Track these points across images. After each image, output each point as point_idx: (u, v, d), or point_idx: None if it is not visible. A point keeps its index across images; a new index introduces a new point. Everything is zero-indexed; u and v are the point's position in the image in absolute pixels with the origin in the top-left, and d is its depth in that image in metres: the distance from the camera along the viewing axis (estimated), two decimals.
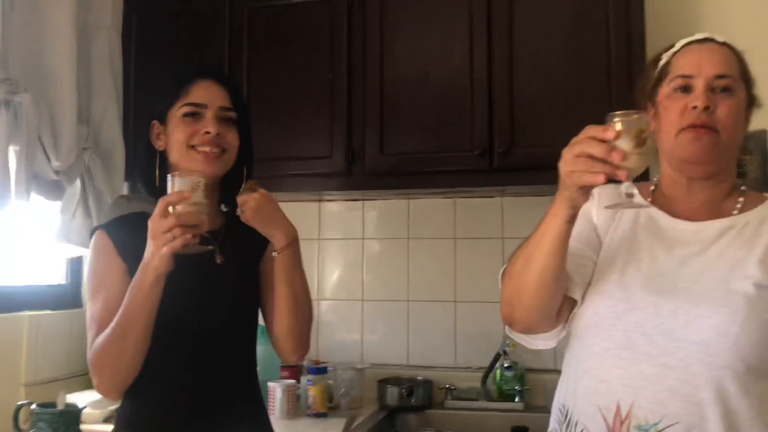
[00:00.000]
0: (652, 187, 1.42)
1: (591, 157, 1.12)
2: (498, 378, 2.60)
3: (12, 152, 2.00)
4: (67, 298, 2.58)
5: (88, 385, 2.41)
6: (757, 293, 1.22)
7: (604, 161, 1.10)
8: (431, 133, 2.48)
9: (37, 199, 2.19)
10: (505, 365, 2.57)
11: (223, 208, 1.63)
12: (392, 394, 2.54)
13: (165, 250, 1.33)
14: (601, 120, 2.22)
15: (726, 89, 1.30)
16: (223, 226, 1.61)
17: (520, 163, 2.40)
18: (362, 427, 2.28)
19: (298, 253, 1.57)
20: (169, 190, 1.38)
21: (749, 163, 2.38)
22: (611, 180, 1.13)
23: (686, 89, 1.31)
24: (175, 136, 1.52)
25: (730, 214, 1.34)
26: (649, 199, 1.39)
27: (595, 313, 1.30)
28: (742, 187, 1.39)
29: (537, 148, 2.38)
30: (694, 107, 1.28)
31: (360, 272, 2.90)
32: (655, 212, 1.36)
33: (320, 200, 2.95)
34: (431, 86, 2.50)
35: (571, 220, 1.20)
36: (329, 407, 2.44)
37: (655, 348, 1.23)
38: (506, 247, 2.77)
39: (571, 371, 1.36)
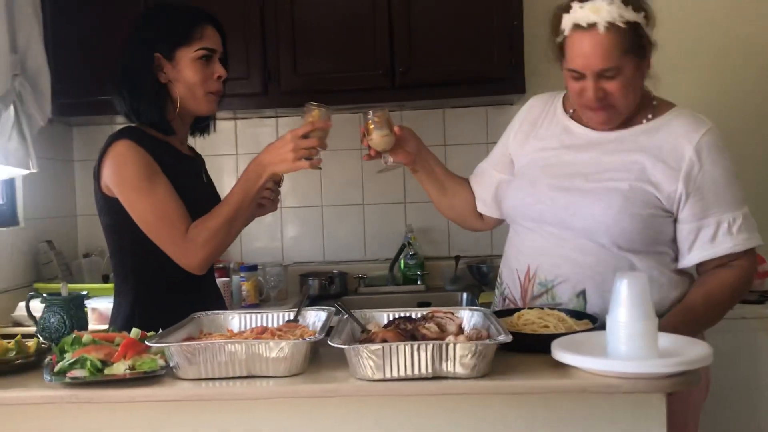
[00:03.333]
0: None
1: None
2: (402, 266, 3.04)
3: None
4: (5, 217, 2.73)
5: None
6: (631, 192, 1.51)
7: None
8: (339, 54, 2.78)
9: None
10: (409, 254, 3.01)
11: None
12: (313, 284, 2.93)
13: (304, 164, 1.63)
14: (482, 38, 2.64)
15: (612, 76, 1.49)
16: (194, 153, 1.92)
17: (418, 81, 2.76)
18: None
19: None
20: (308, 117, 1.65)
21: None
22: None
23: (580, 78, 1.52)
24: (189, 77, 1.72)
25: (636, 125, 1.58)
26: (572, 110, 1.66)
27: (512, 202, 1.69)
28: (654, 102, 1.60)
29: (433, 68, 2.76)
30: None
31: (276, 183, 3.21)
32: (569, 122, 1.66)
33: (234, 118, 3.19)
34: (338, 10, 2.79)
35: (414, 171, 1.78)
36: (260, 299, 2.80)
37: (553, 227, 1.58)
38: None
39: (506, 246, 1.76)
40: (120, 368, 1.23)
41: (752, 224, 1.57)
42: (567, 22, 1.52)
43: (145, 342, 1.25)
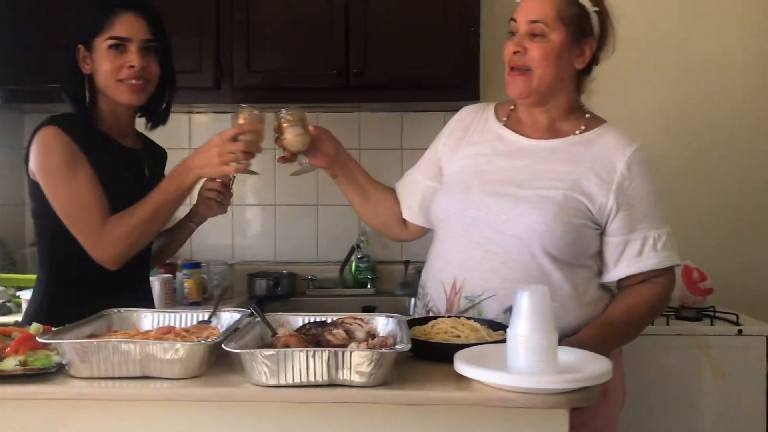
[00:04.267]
0: (511, 107, 1.68)
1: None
2: (353, 269, 3.01)
3: None
4: None
5: None
6: (565, 201, 1.50)
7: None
8: (294, 52, 2.75)
9: None
10: (359, 257, 2.99)
11: None
12: (260, 285, 2.89)
13: (230, 168, 1.60)
14: (438, 43, 2.63)
15: (538, 34, 1.52)
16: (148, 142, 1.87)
17: (372, 83, 2.74)
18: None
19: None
20: (239, 120, 1.62)
21: None
22: None
23: (514, 34, 1.56)
24: (102, 67, 1.68)
25: (568, 136, 1.59)
26: (505, 118, 1.66)
27: (444, 210, 1.65)
28: (587, 115, 1.62)
29: (388, 69, 2.73)
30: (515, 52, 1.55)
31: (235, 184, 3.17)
32: (502, 130, 1.65)
33: (190, 112, 3.15)
34: (294, 7, 2.76)
35: (333, 176, 1.76)
36: (203, 297, 2.76)
37: (483, 237, 1.54)
38: (363, 158, 3.13)
39: (430, 255, 1.72)
40: (10, 364, 1.19)
41: (674, 243, 1.58)
42: None
43: (37, 338, 1.21)
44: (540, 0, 1.54)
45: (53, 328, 1.34)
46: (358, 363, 1.12)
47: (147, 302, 1.87)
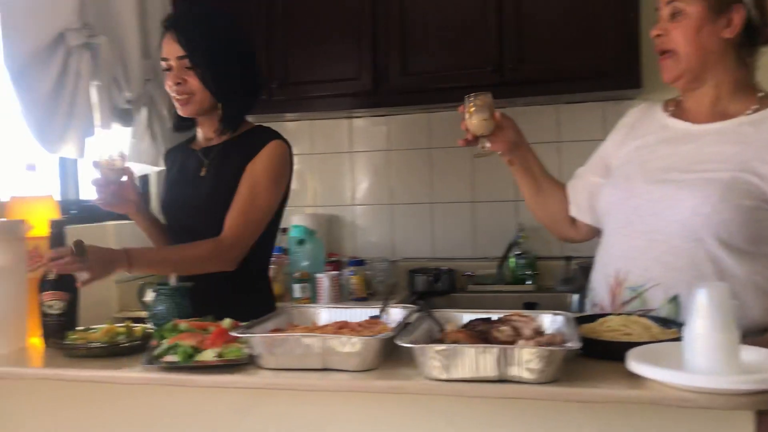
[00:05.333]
0: (679, 98, 1.64)
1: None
2: (512, 265, 3.00)
3: (94, 88, 2.35)
4: None
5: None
6: (733, 182, 1.42)
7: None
8: (448, 53, 2.80)
9: (113, 125, 2.56)
10: (518, 253, 2.97)
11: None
12: (420, 281, 2.97)
13: (99, 203, 1.92)
14: (595, 31, 2.55)
15: (678, 14, 1.50)
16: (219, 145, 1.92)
17: (528, 77, 2.72)
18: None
19: (141, 265, 1.76)
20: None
21: None
22: None
23: (658, 20, 1.56)
24: None
25: (737, 116, 1.51)
26: (672, 109, 1.62)
27: (605, 201, 1.63)
28: (760, 94, 1.53)
29: (544, 63, 2.70)
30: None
31: (388, 180, 3.28)
32: (667, 120, 1.61)
33: (350, 117, 3.29)
34: (447, 8, 2.80)
35: (510, 164, 1.75)
36: (368, 293, 2.87)
37: (646, 226, 1.50)
38: None
39: (597, 252, 1.68)
40: (208, 355, 1.32)
41: None
42: None
43: (230, 332, 1.34)
44: None
45: (241, 323, 1.47)
46: (527, 360, 1.14)
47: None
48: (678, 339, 1.24)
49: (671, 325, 1.35)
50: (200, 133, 1.97)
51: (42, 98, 2.22)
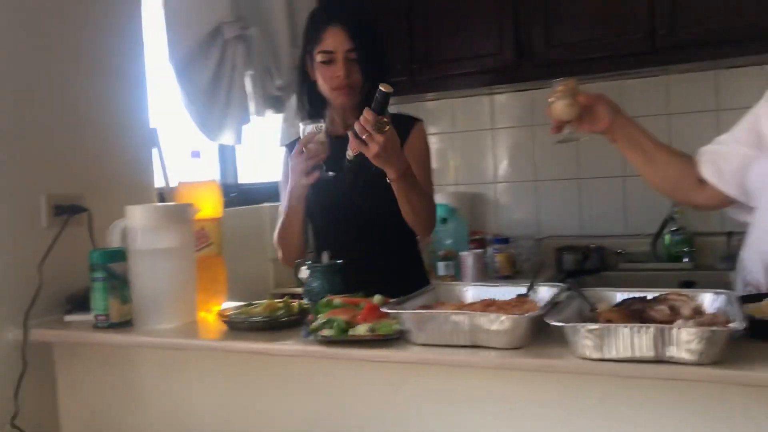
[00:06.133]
0: None
1: None
2: (667, 242, 2.86)
3: (248, 77, 2.49)
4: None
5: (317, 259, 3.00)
6: None
7: None
8: (595, 20, 2.69)
9: (267, 112, 2.70)
10: (673, 229, 2.82)
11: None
12: (569, 259, 2.90)
13: (304, 181, 1.85)
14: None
15: None
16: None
17: (682, 42, 2.56)
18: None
19: (410, 181, 1.81)
20: (301, 135, 1.84)
21: None
22: None
23: None
24: (318, 77, 1.93)
25: None
26: None
27: (759, 175, 1.52)
28: None
29: (700, 25, 2.53)
30: None
31: (531, 156, 3.22)
32: None
33: (491, 93, 3.26)
34: None
35: (613, 141, 1.64)
36: (514, 271, 2.85)
37: None
38: (672, 123, 2.94)
39: (749, 227, 1.59)
40: (361, 330, 1.37)
41: None
42: None
43: (382, 308, 1.38)
44: None
45: (391, 300, 1.52)
46: (687, 340, 1.09)
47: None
48: None
49: None
50: (338, 121, 2.01)
51: (202, 89, 2.38)
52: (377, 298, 1.51)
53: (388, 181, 1.80)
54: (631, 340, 1.12)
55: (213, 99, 2.41)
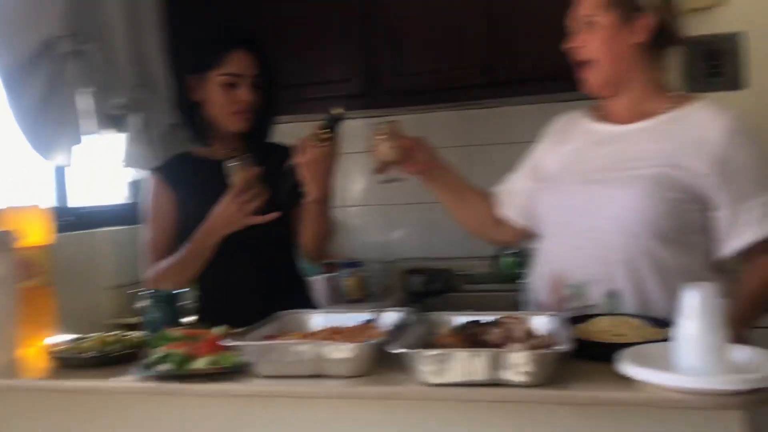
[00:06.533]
0: (601, 104, 1.72)
1: None
2: (505, 263, 3.01)
3: (85, 95, 2.35)
4: (132, 216, 2.97)
5: None
6: (659, 176, 1.51)
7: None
8: (440, 53, 2.80)
9: (105, 131, 2.55)
10: (510, 251, 2.98)
11: None
12: (416, 281, 2.97)
13: (257, 218, 1.77)
14: None
15: (591, 25, 1.58)
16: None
17: (519, 76, 2.72)
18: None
19: (326, 207, 1.85)
20: (236, 175, 1.77)
21: (723, 65, 2.70)
22: None
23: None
24: (215, 99, 1.86)
25: (655, 115, 1.59)
26: (595, 114, 1.70)
27: (546, 205, 1.69)
28: (673, 93, 1.63)
29: (533, 63, 2.70)
30: None
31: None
32: (593, 125, 1.69)
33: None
34: (437, 9, 2.80)
35: (426, 182, 1.78)
36: (364, 294, 2.88)
37: (581, 225, 1.57)
38: (512, 153, 3.09)
39: (535, 255, 1.75)
40: (201, 363, 1.32)
41: None
42: None
43: (224, 340, 1.34)
44: None
45: (236, 330, 1.47)
46: (519, 363, 1.14)
47: (303, 300, 2.01)
48: (668, 339, 1.24)
49: (665, 325, 1.35)
50: (219, 145, 1.94)
51: (33, 106, 2.22)
52: (219, 330, 1.46)
53: (306, 200, 1.81)
54: (468, 364, 1.16)
55: (45, 117, 2.25)
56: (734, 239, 1.53)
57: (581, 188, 1.60)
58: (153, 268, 1.91)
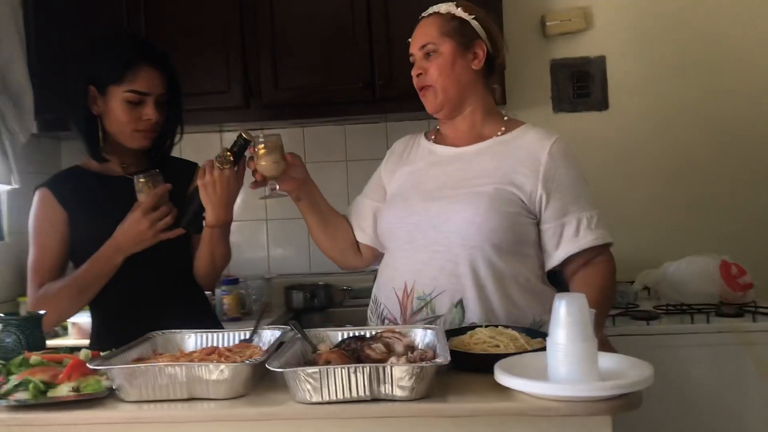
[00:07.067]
0: (438, 127, 1.82)
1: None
2: None
3: None
4: None
5: (17, 308, 2.67)
6: (497, 192, 1.62)
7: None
8: (320, 68, 2.79)
9: None
10: None
11: None
12: (297, 297, 2.93)
13: (167, 234, 1.71)
14: None
15: (430, 53, 1.69)
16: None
17: (398, 93, 2.75)
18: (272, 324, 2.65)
19: (223, 235, 1.81)
20: (145, 190, 1.70)
21: (591, 86, 2.85)
22: None
23: (414, 63, 1.74)
24: (117, 116, 1.74)
25: (491, 138, 1.71)
26: (433, 137, 1.80)
27: (387, 222, 1.74)
28: (505, 117, 1.76)
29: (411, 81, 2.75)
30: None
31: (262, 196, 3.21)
32: (432, 146, 1.78)
33: (221, 131, 3.21)
34: (318, 24, 2.79)
35: (297, 200, 1.78)
36: (242, 312, 2.80)
37: (427, 239, 1.64)
38: None
39: (380, 270, 1.80)
40: (63, 390, 1.23)
41: (605, 223, 1.67)
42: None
43: (87, 364, 1.25)
44: (423, 27, 1.73)
45: (101, 353, 1.38)
46: (399, 377, 1.14)
47: (203, 317, 1.90)
48: (544, 349, 1.28)
49: (537, 336, 1.40)
50: (115, 161, 1.83)
51: None
52: (84, 353, 1.37)
53: (204, 224, 1.74)
54: (349, 381, 1.15)
55: None
56: (556, 252, 1.65)
57: (425, 204, 1.67)
58: (38, 290, 1.76)
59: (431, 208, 1.66)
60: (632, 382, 1.11)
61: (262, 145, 1.63)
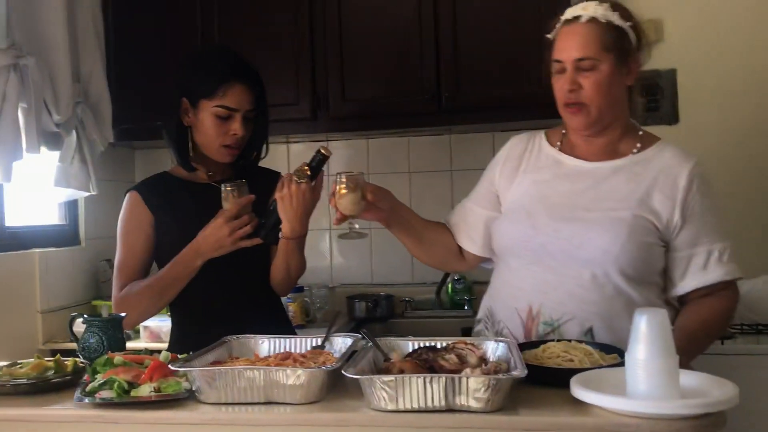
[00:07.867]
0: (563, 131, 1.69)
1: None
2: (450, 290, 3.02)
3: (20, 110, 2.26)
4: (68, 237, 2.87)
5: (92, 311, 2.76)
6: (635, 220, 1.53)
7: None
8: (387, 80, 2.82)
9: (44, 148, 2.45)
10: (456, 278, 3.00)
11: None
12: (360, 307, 2.95)
13: (245, 242, 1.74)
14: (530, 71, 2.62)
15: (588, 69, 1.53)
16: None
17: (463, 106, 2.76)
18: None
19: (299, 246, 1.83)
20: (229, 198, 1.74)
21: (660, 99, 2.79)
22: None
23: (562, 71, 1.57)
24: (206, 129, 1.81)
25: (626, 155, 1.61)
26: (559, 143, 1.68)
27: (509, 237, 1.66)
28: (640, 132, 1.65)
29: (479, 92, 2.75)
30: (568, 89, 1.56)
31: (326, 205, 3.25)
32: (559, 155, 1.66)
33: (287, 142, 3.27)
34: (385, 37, 2.83)
35: (388, 227, 1.75)
36: (307, 320, 2.83)
37: (556, 263, 1.55)
38: (455, 179, 3.15)
39: (495, 283, 1.74)
40: (145, 390, 1.27)
41: (736, 256, 1.58)
42: (559, 22, 1.62)
43: (169, 365, 1.29)
44: (580, 36, 1.55)
45: (179, 356, 1.43)
46: (475, 389, 1.14)
47: (279, 323, 1.97)
48: (619, 364, 1.27)
49: (611, 351, 1.38)
50: (201, 169, 1.90)
51: None
52: (164, 355, 1.41)
53: (280, 236, 1.78)
54: (425, 390, 1.15)
55: None
56: (681, 283, 1.57)
57: (555, 225, 1.58)
58: (121, 289, 1.83)
59: (562, 230, 1.57)
60: (717, 401, 1.09)
61: (344, 185, 1.62)
